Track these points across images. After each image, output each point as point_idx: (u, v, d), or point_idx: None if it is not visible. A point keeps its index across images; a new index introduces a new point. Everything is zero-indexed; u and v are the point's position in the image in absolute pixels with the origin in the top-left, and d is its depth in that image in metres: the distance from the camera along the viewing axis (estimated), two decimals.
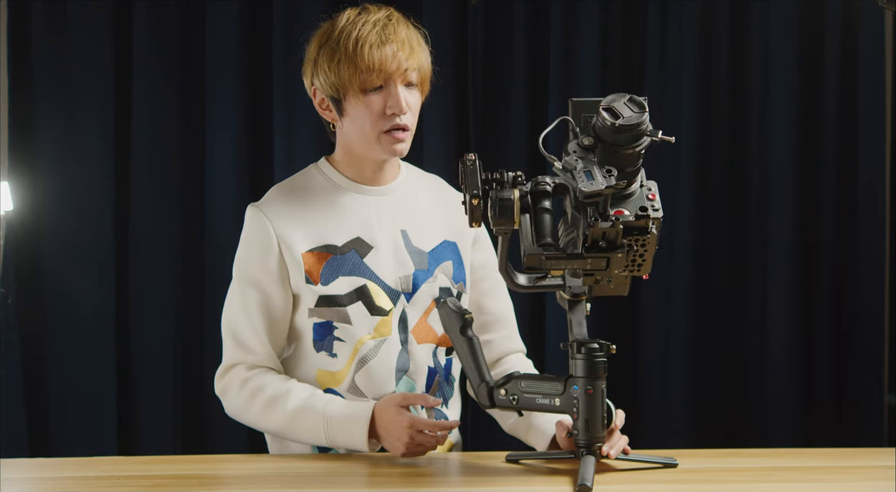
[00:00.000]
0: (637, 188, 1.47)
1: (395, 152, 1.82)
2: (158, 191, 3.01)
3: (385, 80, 1.78)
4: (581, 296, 1.59)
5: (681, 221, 3.01)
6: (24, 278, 2.97)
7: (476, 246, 1.95)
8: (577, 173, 1.42)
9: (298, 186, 1.88)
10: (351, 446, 1.75)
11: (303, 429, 1.76)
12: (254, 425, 1.83)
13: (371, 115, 1.79)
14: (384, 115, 1.79)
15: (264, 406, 1.78)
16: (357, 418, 1.73)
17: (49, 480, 1.67)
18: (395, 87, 1.78)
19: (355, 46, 1.76)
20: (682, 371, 3.03)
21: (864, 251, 3.04)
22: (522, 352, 1.99)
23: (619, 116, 1.43)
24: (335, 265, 1.81)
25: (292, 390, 1.78)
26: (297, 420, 1.76)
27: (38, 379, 2.98)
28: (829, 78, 3.04)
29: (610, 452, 1.60)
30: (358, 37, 1.77)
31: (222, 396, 1.85)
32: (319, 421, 1.75)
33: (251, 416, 1.81)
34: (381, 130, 1.80)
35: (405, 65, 1.78)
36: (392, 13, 1.82)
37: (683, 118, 3.03)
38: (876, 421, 3.05)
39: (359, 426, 1.72)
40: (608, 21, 3.05)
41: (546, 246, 1.48)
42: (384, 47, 1.77)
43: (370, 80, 1.77)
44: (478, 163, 1.54)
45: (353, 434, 1.73)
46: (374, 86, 1.78)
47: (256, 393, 1.79)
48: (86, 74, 2.97)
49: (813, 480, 1.61)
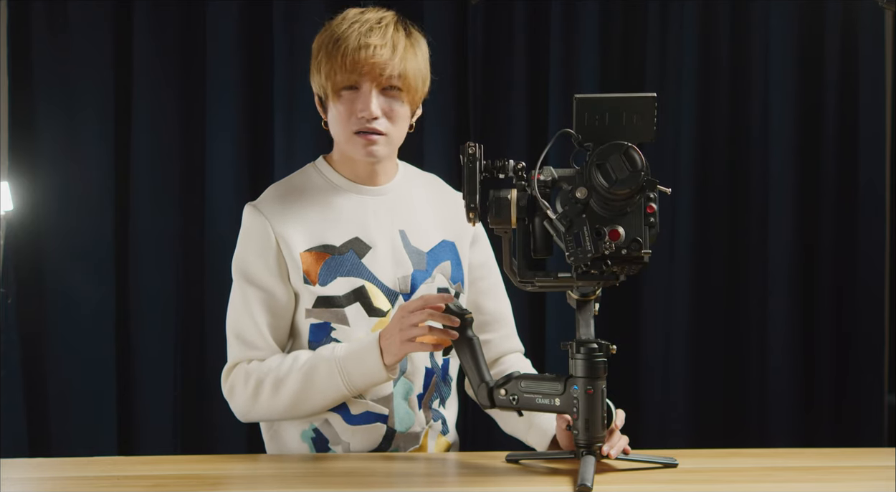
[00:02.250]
0: (637, 197, 1.46)
1: (367, 154, 1.79)
2: (158, 191, 3.01)
3: (357, 81, 1.76)
4: (590, 296, 1.59)
5: (681, 222, 3.02)
6: (24, 278, 2.97)
7: (474, 246, 1.95)
8: (566, 238, 1.45)
9: (296, 185, 1.87)
10: (369, 379, 1.72)
11: (319, 383, 1.74)
12: (266, 411, 1.79)
13: (340, 114, 1.78)
14: (353, 115, 1.77)
15: (274, 384, 1.76)
16: (367, 346, 1.72)
17: (49, 480, 1.67)
18: (368, 89, 1.76)
19: (334, 45, 1.76)
20: (682, 371, 3.03)
21: (864, 251, 3.04)
22: (521, 352, 1.98)
23: (612, 178, 1.42)
24: (333, 266, 1.80)
25: (298, 356, 1.77)
26: (311, 377, 1.74)
27: (38, 379, 2.98)
28: (829, 78, 3.04)
29: (610, 452, 1.60)
30: (341, 35, 1.76)
31: (230, 395, 1.83)
32: (333, 366, 1.73)
33: (262, 402, 1.78)
34: (353, 131, 1.78)
35: (386, 69, 1.75)
36: (387, 16, 1.80)
37: (683, 118, 3.03)
38: (876, 421, 3.05)
39: (371, 353, 1.71)
40: (608, 21, 3.05)
41: (534, 265, 1.51)
42: (362, 49, 1.74)
43: (342, 79, 1.76)
44: (478, 158, 1.54)
45: (367, 364, 1.71)
46: (344, 85, 1.76)
47: (263, 377, 1.77)
48: (86, 74, 2.98)
49: (813, 480, 1.61)
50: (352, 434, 1.82)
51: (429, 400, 1.86)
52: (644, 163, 1.43)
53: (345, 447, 1.82)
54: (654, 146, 2.99)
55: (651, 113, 1.45)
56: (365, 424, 1.81)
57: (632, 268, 1.49)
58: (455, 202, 1.95)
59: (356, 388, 1.74)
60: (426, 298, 1.67)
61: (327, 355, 1.75)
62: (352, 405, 1.81)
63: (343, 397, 1.76)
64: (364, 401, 1.81)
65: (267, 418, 1.84)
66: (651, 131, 1.45)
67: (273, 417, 1.82)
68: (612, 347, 1.57)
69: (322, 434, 1.83)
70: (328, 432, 1.83)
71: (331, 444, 1.83)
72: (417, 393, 1.84)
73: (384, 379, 1.73)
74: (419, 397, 1.84)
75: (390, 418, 1.81)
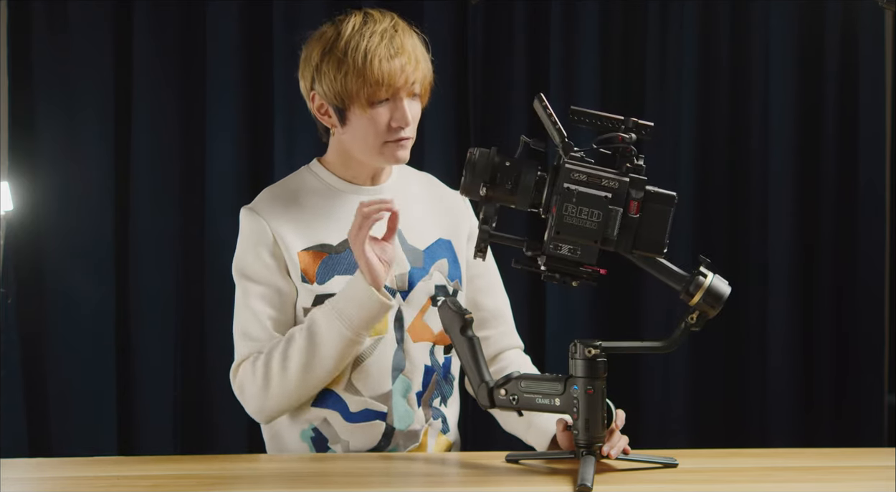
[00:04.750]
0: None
1: (398, 159, 1.82)
2: (158, 191, 3.01)
3: (392, 94, 1.78)
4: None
5: (681, 222, 3.01)
6: (24, 278, 2.97)
7: (471, 243, 1.94)
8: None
9: (291, 187, 1.88)
10: (366, 311, 1.72)
11: (321, 336, 1.73)
12: (281, 395, 1.77)
13: (375, 127, 1.79)
14: (389, 127, 1.79)
15: (281, 361, 1.75)
16: (352, 279, 1.74)
17: (49, 480, 1.67)
18: (401, 101, 1.78)
19: (364, 59, 1.75)
20: (682, 371, 3.03)
21: (864, 251, 3.04)
22: (520, 348, 1.98)
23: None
24: (331, 264, 1.81)
25: (294, 329, 1.78)
26: (312, 332, 1.74)
27: (38, 379, 2.98)
28: (829, 78, 3.04)
29: (610, 452, 1.60)
30: (367, 49, 1.76)
31: (241, 393, 1.82)
32: (331, 315, 1.73)
33: (274, 386, 1.76)
34: (386, 140, 1.80)
35: (412, 78, 1.78)
36: (397, 22, 1.81)
37: (683, 118, 3.03)
38: (876, 421, 3.05)
39: (357, 282, 1.72)
40: (608, 21, 3.05)
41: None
42: (393, 61, 1.76)
43: (378, 93, 1.77)
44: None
45: (357, 294, 1.72)
46: (381, 99, 1.78)
47: (269, 360, 1.77)
48: (86, 74, 2.98)
49: (813, 480, 1.61)
50: (351, 432, 1.82)
51: (429, 398, 1.86)
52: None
53: (344, 446, 1.82)
54: (655, 146, 2.99)
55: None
56: (364, 421, 1.81)
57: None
58: (451, 200, 1.95)
59: (356, 327, 1.73)
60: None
61: (324, 308, 1.76)
62: (350, 403, 1.81)
63: (349, 342, 1.74)
64: (363, 398, 1.81)
65: (284, 405, 1.80)
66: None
67: (289, 399, 1.79)
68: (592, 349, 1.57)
69: (321, 434, 1.83)
70: (327, 432, 1.83)
71: (330, 443, 1.83)
72: (417, 391, 1.84)
73: (378, 305, 1.72)
74: (418, 395, 1.84)
75: (389, 415, 1.81)
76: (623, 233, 1.50)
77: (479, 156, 1.56)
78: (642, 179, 1.50)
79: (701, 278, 1.54)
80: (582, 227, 1.49)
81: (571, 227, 1.49)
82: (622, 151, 1.50)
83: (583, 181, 1.50)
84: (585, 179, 1.50)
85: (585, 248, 1.50)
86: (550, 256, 1.51)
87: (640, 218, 1.50)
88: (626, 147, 1.50)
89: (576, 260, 1.51)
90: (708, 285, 1.53)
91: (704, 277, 1.54)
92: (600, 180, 1.50)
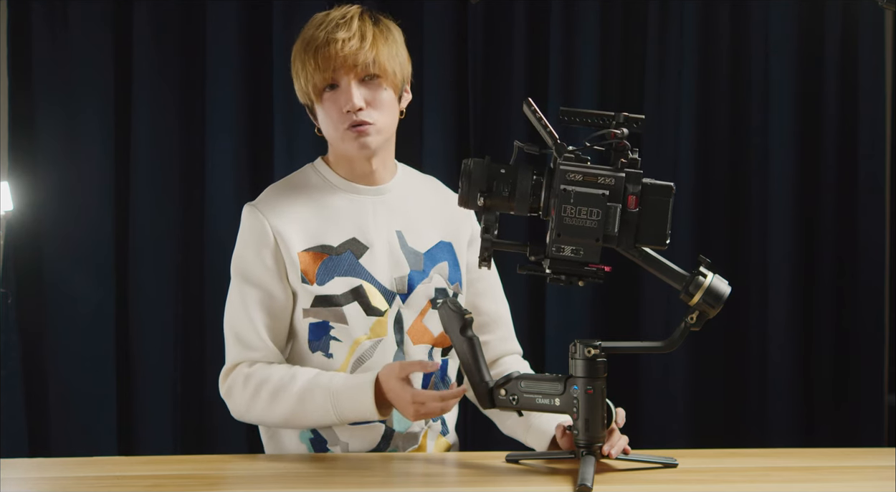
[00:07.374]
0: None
1: (361, 147, 1.79)
2: (158, 191, 3.01)
3: (334, 78, 1.77)
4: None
5: (681, 221, 3.01)
6: (24, 278, 2.97)
7: (472, 247, 1.94)
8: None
9: (294, 186, 1.87)
10: (361, 416, 1.73)
11: (311, 408, 1.74)
12: (260, 418, 1.80)
13: (328, 115, 1.79)
14: (342, 113, 1.77)
15: (271, 395, 1.76)
16: (362, 387, 1.72)
17: (49, 480, 1.67)
18: (346, 83, 1.76)
19: (306, 49, 1.76)
20: (682, 371, 3.03)
21: (864, 251, 3.04)
22: (519, 353, 1.98)
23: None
24: (331, 266, 1.81)
25: (298, 373, 1.77)
26: (305, 400, 1.75)
27: (38, 379, 2.98)
28: (829, 78, 3.04)
29: (610, 452, 1.60)
30: (310, 39, 1.77)
31: (227, 396, 1.83)
32: (327, 396, 1.74)
33: (257, 409, 1.79)
34: (343, 129, 1.78)
35: (357, 58, 1.75)
36: (351, 10, 1.79)
37: (683, 118, 3.03)
38: (876, 421, 3.05)
39: (365, 394, 1.71)
40: (608, 21, 3.05)
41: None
42: (330, 45, 1.74)
43: (320, 79, 1.76)
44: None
45: (361, 404, 1.71)
46: (324, 85, 1.77)
47: (262, 385, 1.77)
48: (86, 74, 2.98)
49: (813, 480, 1.61)
50: (350, 434, 1.82)
51: None
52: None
53: (343, 448, 1.82)
54: (655, 146, 3.00)
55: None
56: (363, 423, 1.81)
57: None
58: (454, 203, 1.95)
59: (346, 420, 1.76)
60: (444, 394, 1.66)
61: (324, 383, 1.75)
62: None
63: (333, 424, 1.77)
64: None
65: (261, 424, 1.85)
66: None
67: (267, 424, 1.84)
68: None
69: (320, 435, 1.83)
70: (326, 433, 1.83)
71: (329, 445, 1.83)
72: None
73: (375, 418, 1.74)
74: None
75: (388, 417, 1.81)
76: (624, 228, 1.50)
77: (473, 166, 1.56)
78: (638, 172, 1.50)
79: (701, 278, 1.54)
80: (582, 226, 1.49)
81: (572, 228, 1.49)
82: (616, 147, 1.51)
83: (579, 181, 1.50)
84: (581, 178, 1.50)
85: (588, 247, 1.50)
86: (554, 258, 1.51)
87: (640, 212, 1.50)
88: (620, 142, 1.50)
89: (579, 260, 1.51)
90: (708, 285, 1.53)
91: (704, 276, 1.54)
92: (596, 178, 1.49)
